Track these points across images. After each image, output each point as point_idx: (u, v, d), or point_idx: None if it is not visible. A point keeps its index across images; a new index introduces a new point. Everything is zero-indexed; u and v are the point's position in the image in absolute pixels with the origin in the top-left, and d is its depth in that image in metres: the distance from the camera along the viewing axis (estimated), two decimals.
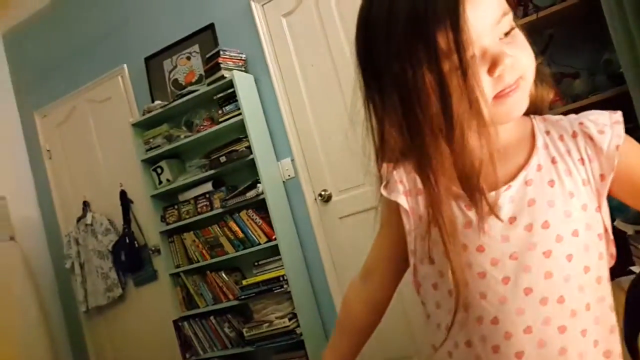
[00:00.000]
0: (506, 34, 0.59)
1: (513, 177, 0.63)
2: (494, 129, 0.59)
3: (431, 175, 0.62)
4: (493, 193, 0.63)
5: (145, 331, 3.54)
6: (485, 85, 0.58)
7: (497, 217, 0.61)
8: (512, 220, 0.62)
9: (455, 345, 0.66)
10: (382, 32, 0.60)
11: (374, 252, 0.82)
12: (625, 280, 1.13)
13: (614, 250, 0.67)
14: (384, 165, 0.74)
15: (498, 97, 0.59)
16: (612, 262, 0.67)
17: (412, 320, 2.69)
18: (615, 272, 0.69)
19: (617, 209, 1.08)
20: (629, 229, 1.34)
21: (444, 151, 0.60)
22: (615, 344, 0.64)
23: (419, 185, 0.67)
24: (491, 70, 0.58)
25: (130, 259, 3.47)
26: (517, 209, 0.62)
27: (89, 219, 3.63)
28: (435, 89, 0.58)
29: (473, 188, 0.61)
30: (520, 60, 0.59)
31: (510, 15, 0.60)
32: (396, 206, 0.71)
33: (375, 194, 0.79)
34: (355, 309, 0.84)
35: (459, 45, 0.55)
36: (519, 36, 0.61)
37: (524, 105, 0.61)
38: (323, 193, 2.94)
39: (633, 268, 1.35)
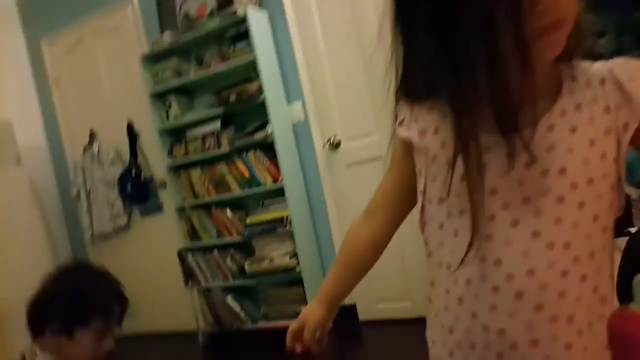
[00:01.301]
0: None
1: (535, 122, 0.63)
2: (532, 68, 0.59)
3: (464, 111, 0.62)
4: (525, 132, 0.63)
5: (149, 259, 3.67)
6: (528, 21, 0.57)
7: (532, 155, 0.62)
8: (529, 164, 0.62)
9: (454, 283, 0.67)
10: None
11: (380, 190, 0.83)
12: (622, 241, 1.19)
13: (624, 201, 0.67)
14: (402, 102, 0.73)
15: (537, 35, 0.58)
16: (620, 213, 0.68)
17: (408, 264, 2.81)
18: (614, 233, 0.69)
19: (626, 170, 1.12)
20: (634, 193, 1.39)
21: (481, 86, 0.60)
22: (611, 290, 0.67)
23: (436, 125, 0.68)
24: (533, 7, 0.57)
25: (136, 190, 3.54)
26: (536, 154, 0.62)
27: (95, 148, 3.66)
28: (480, 22, 0.56)
29: (508, 126, 0.61)
30: (563, 0, 0.58)
31: None
32: (409, 144, 0.71)
33: (384, 144, 0.80)
34: (356, 245, 0.86)
35: None
36: None
37: (560, 47, 0.61)
38: (332, 139, 2.97)
39: (631, 229, 1.41)
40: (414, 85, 0.70)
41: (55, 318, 1.18)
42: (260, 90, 2.88)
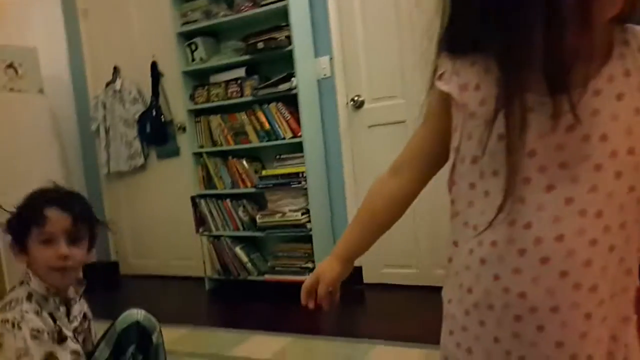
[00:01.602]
0: None
1: (585, 84, 0.61)
2: (591, 25, 0.57)
3: (512, 68, 0.60)
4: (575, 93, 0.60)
5: (162, 202, 3.70)
6: None
7: (577, 118, 0.59)
8: (571, 128, 0.60)
9: (479, 244, 0.66)
10: None
11: (411, 145, 0.81)
12: None
13: None
14: (444, 54, 0.69)
15: None
16: None
17: (418, 232, 2.78)
18: None
19: None
20: None
21: (536, 40, 0.57)
22: (636, 263, 0.66)
23: (478, 80, 0.65)
24: None
25: (155, 131, 3.53)
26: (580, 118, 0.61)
27: (118, 85, 3.64)
28: None
29: (558, 86, 0.58)
30: None
31: None
32: (447, 99, 0.68)
33: (408, 108, 0.78)
34: (378, 202, 0.84)
35: None
36: None
37: (614, 7, 0.58)
38: (356, 98, 2.90)
39: None
40: (459, 37, 0.67)
41: (13, 238, 1.22)
42: (289, 40, 2.80)
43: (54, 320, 1.20)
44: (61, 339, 1.19)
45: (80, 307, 1.32)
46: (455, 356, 0.72)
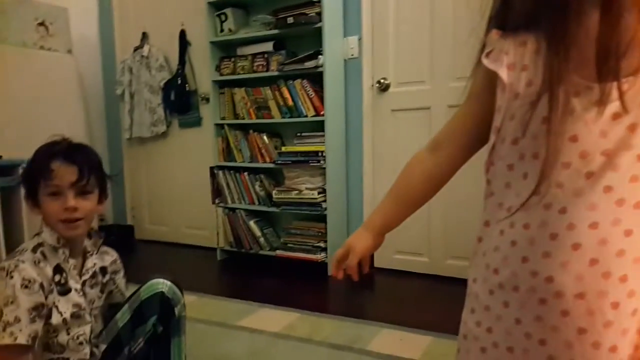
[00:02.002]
0: None
1: (636, 73, 0.59)
2: None
3: (562, 49, 0.59)
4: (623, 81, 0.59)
5: (181, 170, 3.73)
6: None
7: (625, 107, 0.58)
8: (617, 116, 0.59)
9: (510, 225, 0.66)
10: None
11: (452, 123, 0.80)
12: None
13: None
14: (493, 31, 0.68)
15: None
16: None
17: (433, 221, 2.77)
18: None
19: None
20: None
21: (589, 24, 0.56)
22: None
23: (526, 61, 0.64)
24: None
25: (179, 100, 3.55)
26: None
27: (145, 50, 3.65)
28: None
29: (609, 69, 0.57)
30: None
31: None
32: (493, 77, 0.67)
33: (433, 95, 0.79)
34: (414, 179, 0.84)
35: None
36: None
37: None
38: (382, 81, 2.86)
39: None
40: (511, 15, 0.66)
41: (25, 192, 1.22)
42: (319, 16, 2.77)
43: (61, 272, 1.21)
44: (65, 290, 1.21)
45: (97, 260, 1.34)
46: (474, 334, 0.71)
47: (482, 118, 0.72)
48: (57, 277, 1.20)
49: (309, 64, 2.85)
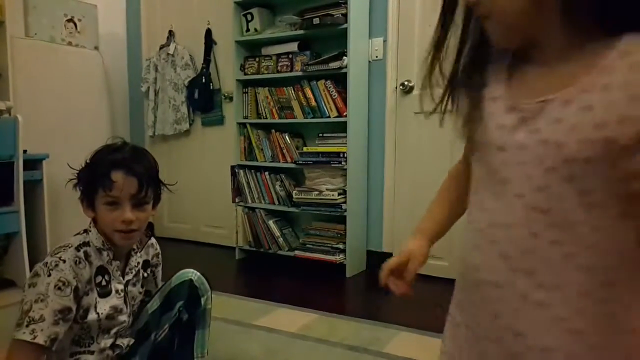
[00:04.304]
0: None
1: (554, 92, 0.62)
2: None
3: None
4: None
5: (202, 168, 3.75)
6: None
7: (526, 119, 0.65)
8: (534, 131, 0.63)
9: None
10: None
11: None
12: None
13: None
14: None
15: None
16: None
17: (454, 224, 2.72)
18: None
19: None
20: None
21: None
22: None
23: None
24: None
25: (203, 98, 3.57)
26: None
27: (171, 49, 3.69)
28: None
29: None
30: None
31: None
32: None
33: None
34: (446, 179, 0.88)
35: None
36: None
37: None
38: (406, 83, 2.84)
39: None
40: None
41: (81, 193, 1.22)
42: (345, 18, 2.76)
43: (103, 274, 1.21)
44: (106, 293, 1.22)
45: (141, 256, 1.34)
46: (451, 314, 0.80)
47: None
48: (98, 279, 1.21)
49: (333, 64, 2.84)
